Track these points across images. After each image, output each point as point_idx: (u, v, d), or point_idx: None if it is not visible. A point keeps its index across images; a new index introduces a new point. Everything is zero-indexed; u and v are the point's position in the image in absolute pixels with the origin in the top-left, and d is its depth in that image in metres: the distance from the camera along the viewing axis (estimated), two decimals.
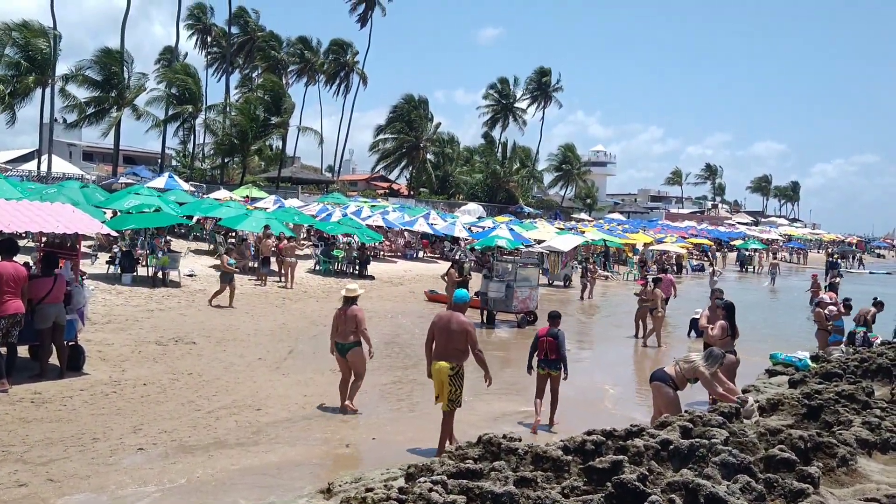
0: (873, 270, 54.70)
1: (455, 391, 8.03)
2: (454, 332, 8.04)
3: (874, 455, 5.94)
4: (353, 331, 9.53)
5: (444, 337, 8.08)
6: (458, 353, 8.07)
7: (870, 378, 8.83)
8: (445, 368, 8.00)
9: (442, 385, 8.06)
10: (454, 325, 8.07)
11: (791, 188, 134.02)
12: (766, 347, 13.74)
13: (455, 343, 8.05)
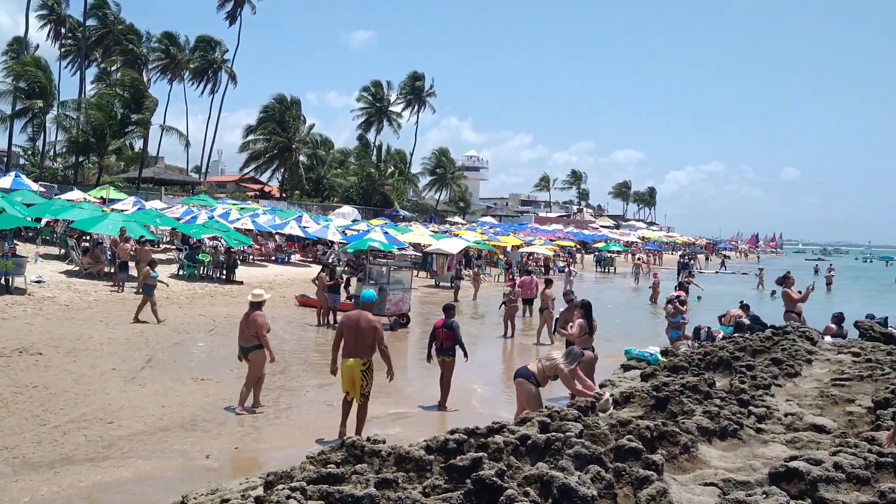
0: (719, 270, 58.93)
1: (367, 385, 8.68)
2: (363, 329, 8.63)
3: (714, 442, 6.38)
4: (254, 334, 9.92)
5: (354, 335, 8.65)
6: (368, 350, 8.67)
7: (712, 370, 9.48)
8: (357, 364, 8.59)
9: (353, 381, 8.62)
10: (363, 324, 8.67)
11: (648, 194, 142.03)
12: (623, 344, 14.47)
13: (364, 340, 8.64)
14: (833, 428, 6.99)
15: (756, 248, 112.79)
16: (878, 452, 5.45)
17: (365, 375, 8.66)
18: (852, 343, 12.19)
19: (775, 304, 31.28)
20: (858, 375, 9.28)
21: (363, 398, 8.73)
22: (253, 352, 9.97)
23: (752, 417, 7.13)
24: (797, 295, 14.36)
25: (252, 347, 9.98)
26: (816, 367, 10.21)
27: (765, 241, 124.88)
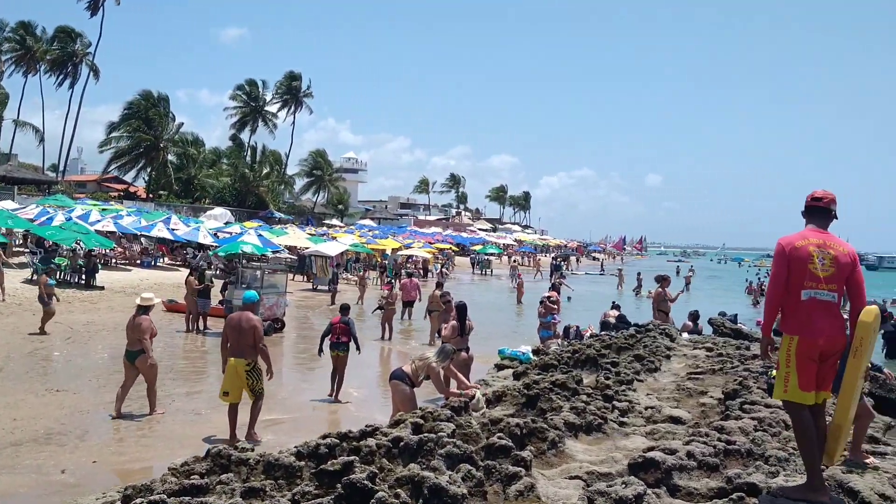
0: (588, 272, 61.52)
1: (255, 383, 8.94)
2: (245, 329, 8.86)
3: (580, 437, 6.63)
4: (139, 339, 9.95)
5: (237, 335, 8.88)
6: (251, 350, 8.91)
7: (580, 368, 9.87)
8: (242, 364, 8.84)
9: (238, 381, 8.85)
10: (244, 324, 8.90)
11: (523, 198, 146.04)
12: (498, 343, 14.79)
13: (247, 340, 8.87)
14: (688, 419, 7.44)
15: (623, 250, 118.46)
16: (727, 441, 5.86)
17: (251, 374, 8.88)
18: (706, 339, 13.05)
19: (637, 302, 33.04)
20: (711, 369, 9.93)
21: (254, 394, 8.99)
22: (139, 357, 9.96)
23: (616, 412, 7.46)
24: (671, 296, 15.18)
25: (139, 352, 9.97)
26: (675, 362, 10.84)
27: (631, 243, 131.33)
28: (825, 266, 4.45)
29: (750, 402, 7.49)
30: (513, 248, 76.50)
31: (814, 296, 4.45)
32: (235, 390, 8.93)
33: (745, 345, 11.88)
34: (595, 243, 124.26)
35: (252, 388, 8.96)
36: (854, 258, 4.50)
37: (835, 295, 4.44)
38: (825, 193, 4.75)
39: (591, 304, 28.19)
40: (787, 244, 4.60)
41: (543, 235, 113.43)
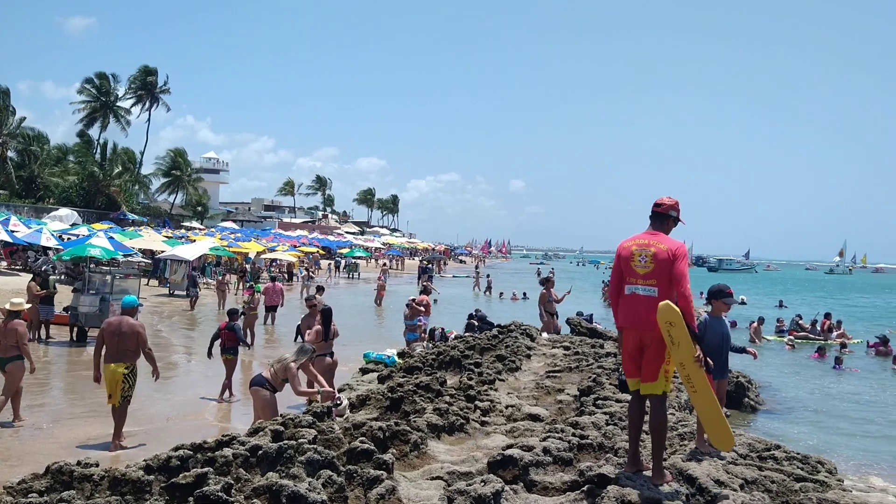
0: (456, 274, 62.57)
1: (128, 388, 8.82)
2: (125, 334, 8.79)
3: (443, 437, 6.71)
4: (13, 344, 9.66)
5: (116, 340, 8.77)
6: (131, 354, 8.85)
7: (444, 369, 10.01)
8: (120, 367, 8.73)
9: (116, 384, 8.70)
10: (125, 328, 8.82)
11: (391, 201, 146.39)
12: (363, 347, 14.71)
13: (127, 344, 8.80)
14: (545, 416, 7.72)
15: (489, 253, 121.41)
16: (580, 436, 6.12)
17: (127, 378, 8.80)
18: (564, 338, 13.60)
19: (490, 303, 33.94)
20: (568, 367, 10.36)
21: (123, 400, 8.84)
22: (11, 363, 9.66)
23: (478, 411, 7.62)
24: (557, 296, 15.66)
25: (10, 358, 9.66)
26: (534, 361, 11.22)
27: (496, 246, 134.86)
28: (645, 263, 4.85)
29: (603, 397, 7.87)
30: (381, 251, 76.46)
31: (634, 291, 4.90)
32: (115, 393, 8.86)
33: (600, 343, 12.49)
34: (462, 247, 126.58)
35: (123, 393, 8.83)
36: (674, 254, 4.79)
37: (654, 290, 4.80)
38: (665, 200, 5.12)
39: (458, 307, 28.67)
40: (619, 246, 5.10)
41: (411, 239, 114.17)
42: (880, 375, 17.52)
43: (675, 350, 4.62)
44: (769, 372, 16.89)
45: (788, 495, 5.33)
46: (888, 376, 17.45)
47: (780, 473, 5.78)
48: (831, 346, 21.27)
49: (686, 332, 4.61)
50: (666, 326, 4.61)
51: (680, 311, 4.60)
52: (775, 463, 6.29)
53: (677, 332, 4.60)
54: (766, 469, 5.89)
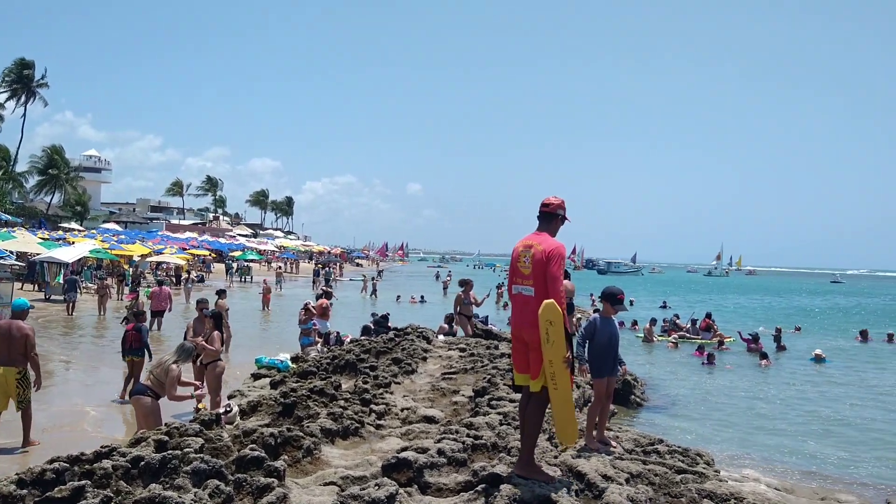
0: (353, 278, 62.06)
1: (24, 392, 8.73)
2: (16, 338, 8.66)
3: (337, 442, 6.61)
4: None
5: (6, 344, 8.63)
6: (21, 358, 8.72)
7: (339, 373, 9.88)
8: (12, 373, 8.65)
9: (7, 389, 8.64)
10: (15, 332, 8.67)
11: (286, 203, 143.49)
12: (256, 352, 14.33)
13: (17, 348, 8.67)
14: (441, 418, 7.74)
15: (386, 256, 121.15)
16: (475, 436, 6.18)
17: (20, 383, 8.73)
18: (460, 340, 13.71)
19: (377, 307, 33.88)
20: (463, 368, 10.44)
21: (20, 404, 8.75)
22: None
23: (373, 415, 7.56)
24: (476, 300, 15.67)
25: None
26: (430, 363, 11.25)
27: (393, 250, 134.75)
28: (527, 264, 4.99)
29: (497, 398, 7.98)
30: (274, 254, 74.81)
31: (520, 291, 5.07)
32: (3, 399, 8.76)
33: (495, 344, 12.65)
34: (359, 250, 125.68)
35: (20, 397, 8.74)
36: (548, 256, 4.90)
37: (532, 290, 4.94)
38: (552, 200, 5.25)
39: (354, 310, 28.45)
40: (513, 248, 5.22)
41: (307, 242, 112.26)
42: (750, 371, 18.65)
43: (548, 347, 4.74)
44: (654, 370, 17.66)
45: (670, 487, 5.57)
46: (757, 371, 18.60)
47: (663, 466, 6.05)
48: (710, 344, 22.47)
49: (562, 333, 4.73)
50: (545, 325, 4.73)
51: (561, 313, 4.72)
52: (659, 456, 6.58)
53: (554, 332, 4.72)
54: (651, 463, 6.14)
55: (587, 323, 6.92)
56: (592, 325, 6.69)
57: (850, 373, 18.72)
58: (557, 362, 4.75)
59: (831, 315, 42.88)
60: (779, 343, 22.56)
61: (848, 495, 8.11)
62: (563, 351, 4.73)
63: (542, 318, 4.74)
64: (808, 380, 17.39)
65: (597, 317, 6.70)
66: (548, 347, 4.75)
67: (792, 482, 8.52)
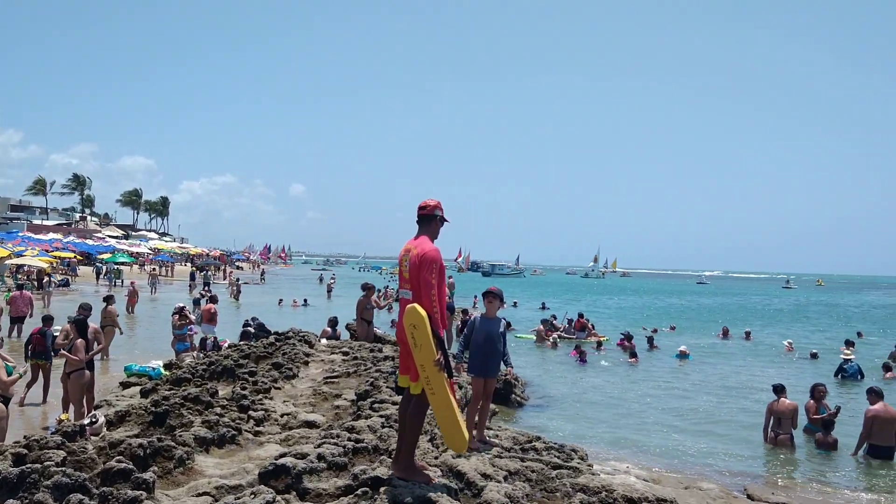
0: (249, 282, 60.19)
1: None
2: None
3: (212, 451, 6.40)
4: None
5: None
6: None
7: (216, 379, 9.56)
8: None
9: None
10: None
11: (161, 203, 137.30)
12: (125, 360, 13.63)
13: None
14: (322, 422, 7.65)
15: (268, 259, 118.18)
16: (356, 440, 6.14)
17: None
18: (343, 343, 13.60)
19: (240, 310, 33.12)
20: (346, 372, 10.37)
21: None
22: None
23: (252, 422, 7.37)
24: (379, 304, 15.41)
25: None
26: (312, 367, 11.09)
27: (275, 252, 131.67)
28: (408, 268, 5.08)
29: (380, 400, 7.97)
30: (148, 256, 71.40)
31: (403, 295, 5.17)
32: None
33: (379, 347, 12.63)
34: (239, 252, 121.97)
35: None
36: (420, 260, 4.98)
37: (411, 293, 5.05)
38: (428, 202, 5.30)
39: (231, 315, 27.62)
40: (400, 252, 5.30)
41: (183, 244, 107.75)
42: (621, 369, 19.53)
43: (417, 351, 4.79)
44: (533, 370, 18.15)
45: (547, 482, 5.76)
46: (628, 369, 19.50)
47: (540, 463, 6.24)
48: (588, 343, 23.35)
49: (429, 336, 4.77)
50: (410, 329, 4.79)
51: (425, 315, 4.77)
52: (536, 453, 6.78)
53: (420, 335, 4.77)
54: (528, 460, 6.32)
55: (469, 322, 7.08)
56: (471, 325, 6.83)
57: (710, 368, 19.96)
58: (428, 366, 4.78)
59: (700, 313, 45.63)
60: (651, 343, 23.73)
61: (709, 483, 8.67)
62: (431, 354, 4.76)
63: (406, 323, 4.80)
64: (673, 376, 18.39)
65: (477, 316, 6.84)
66: (417, 351, 4.79)
67: (659, 473, 8.99)
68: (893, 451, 10.28)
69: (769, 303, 63.97)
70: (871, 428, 10.32)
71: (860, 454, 10.44)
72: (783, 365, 21.42)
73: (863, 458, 10.36)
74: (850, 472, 9.99)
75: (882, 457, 10.23)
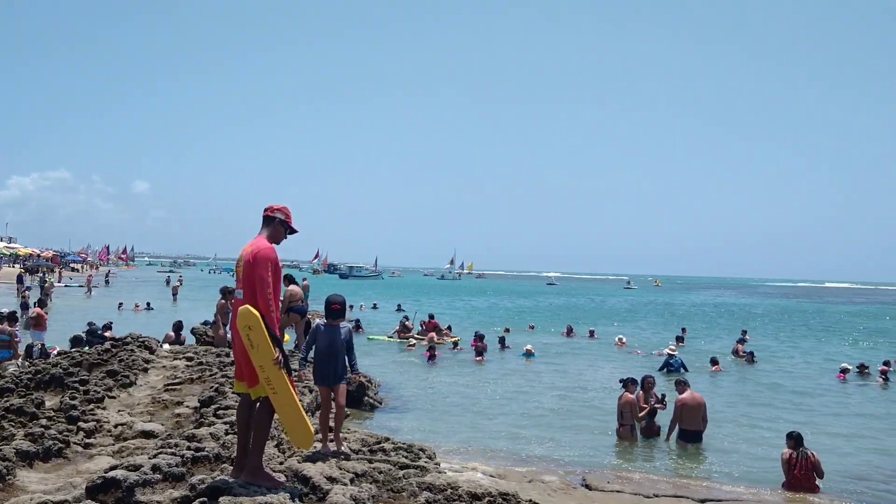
0: (69, 283, 56.05)
1: None
2: None
3: (36, 465, 5.95)
4: None
5: None
6: None
7: (43, 389, 8.86)
8: None
9: None
10: None
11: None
12: None
13: None
14: (161, 431, 7.29)
15: (107, 260, 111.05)
16: (196, 448, 5.90)
17: None
18: (188, 348, 13.03)
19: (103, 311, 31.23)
20: (189, 378, 9.94)
21: None
22: None
23: (81, 433, 6.92)
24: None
25: None
26: (152, 374, 10.54)
27: (116, 253, 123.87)
28: (240, 269, 4.99)
29: (224, 406, 7.71)
30: None
31: (237, 296, 5.04)
32: None
33: (225, 352, 12.20)
34: (75, 253, 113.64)
35: None
36: (254, 258, 4.89)
37: (241, 292, 4.96)
38: (273, 206, 5.21)
39: (61, 318, 25.74)
40: None
41: (11, 244, 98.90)
42: (470, 368, 20.02)
43: (255, 353, 4.72)
44: (388, 371, 18.21)
45: (393, 483, 5.80)
46: (476, 368, 20.02)
47: (388, 464, 6.28)
48: (444, 346, 23.73)
49: (265, 336, 4.71)
50: (245, 330, 4.71)
51: (259, 315, 4.70)
52: (384, 454, 6.82)
53: (256, 336, 4.70)
54: (376, 461, 6.34)
55: (311, 330, 6.94)
56: (313, 332, 6.70)
57: (555, 366, 20.88)
58: (268, 366, 4.71)
59: (551, 313, 47.64)
60: (503, 343, 24.47)
61: (551, 476, 9.08)
62: (270, 354, 4.70)
63: (240, 325, 4.71)
64: (520, 374, 19.08)
65: (320, 323, 6.72)
66: (254, 353, 4.70)
67: (506, 468, 9.29)
68: (701, 434, 11.37)
69: (614, 303, 67.92)
70: (681, 415, 11.36)
71: (673, 439, 11.42)
72: (616, 360, 22.81)
73: (676, 444, 11.36)
74: (670, 457, 10.91)
75: (692, 440, 11.28)
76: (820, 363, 23.57)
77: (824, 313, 58.70)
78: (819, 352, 27.38)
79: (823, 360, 24.21)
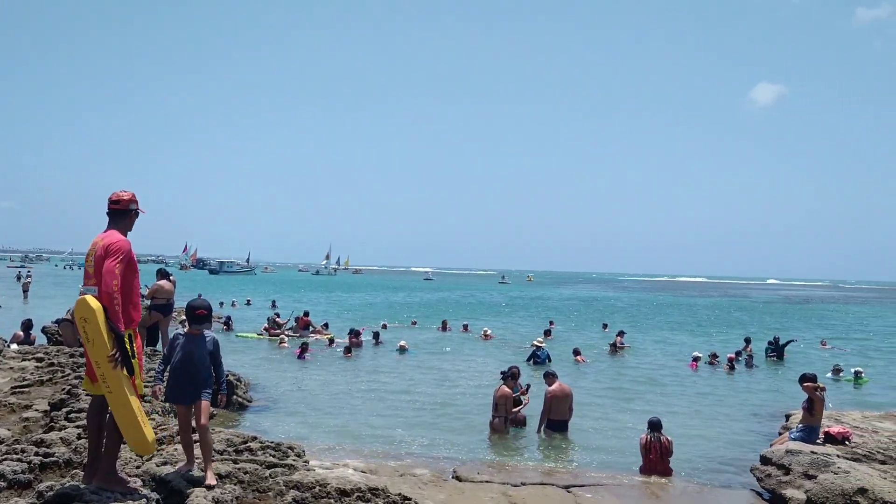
0: None
1: None
2: None
3: None
4: None
5: None
6: None
7: None
8: None
9: None
10: None
11: None
12: None
13: None
14: (6, 437, 6.81)
15: None
16: (45, 454, 5.56)
17: None
18: (38, 349, 12.22)
19: None
20: (40, 380, 9.33)
21: None
22: None
23: None
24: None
25: None
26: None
27: None
28: (90, 264, 4.78)
29: (77, 409, 7.31)
30: None
31: (84, 292, 4.74)
32: None
33: (80, 352, 11.53)
34: None
35: None
36: (106, 251, 4.71)
37: (95, 289, 4.72)
38: (122, 195, 4.96)
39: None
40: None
41: None
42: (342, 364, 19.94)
43: (91, 347, 4.55)
44: (258, 369, 17.80)
45: (260, 482, 5.71)
46: (347, 364, 19.97)
47: (254, 463, 6.16)
48: (319, 343, 23.46)
49: (101, 330, 4.53)
50: (81, 323, 4.53)
51: (98, 308, 4.51)
52: (251, 454, 6.68)
53: (92, 330, 4.52)
54: (242, 461, 6.20)
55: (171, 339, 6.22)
56: (172, 342, 5.89)
57: (429, 360, 21.15)
58: (103, 362, 4.52)
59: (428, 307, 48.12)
60: (377, 338, 24.49)
61: (423, 469, 9.19)
62: (105, 349, 4.50)
63: (77, 316, 4.50)
64: (392, 369, 19.19)
65: (179, 333, 6.03)
66: (90, 347, 4.51)
67: (377, 463, 9.32)
68: (567, 423, 11.90)
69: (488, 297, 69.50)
70: (550, 406, 11.82)
71: (542, 429, 11.88)
72: (486, 353, 23.43)
73: (545, 433, 11.81)
74: (539, 446, 11.32)
75: (559, 430, 11.79)
76: (676, 353, 25.22)
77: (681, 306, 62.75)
78: (676, 342, 29.29)
79: (679, 350, 25.92)
